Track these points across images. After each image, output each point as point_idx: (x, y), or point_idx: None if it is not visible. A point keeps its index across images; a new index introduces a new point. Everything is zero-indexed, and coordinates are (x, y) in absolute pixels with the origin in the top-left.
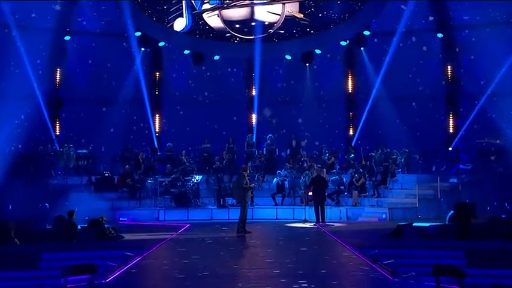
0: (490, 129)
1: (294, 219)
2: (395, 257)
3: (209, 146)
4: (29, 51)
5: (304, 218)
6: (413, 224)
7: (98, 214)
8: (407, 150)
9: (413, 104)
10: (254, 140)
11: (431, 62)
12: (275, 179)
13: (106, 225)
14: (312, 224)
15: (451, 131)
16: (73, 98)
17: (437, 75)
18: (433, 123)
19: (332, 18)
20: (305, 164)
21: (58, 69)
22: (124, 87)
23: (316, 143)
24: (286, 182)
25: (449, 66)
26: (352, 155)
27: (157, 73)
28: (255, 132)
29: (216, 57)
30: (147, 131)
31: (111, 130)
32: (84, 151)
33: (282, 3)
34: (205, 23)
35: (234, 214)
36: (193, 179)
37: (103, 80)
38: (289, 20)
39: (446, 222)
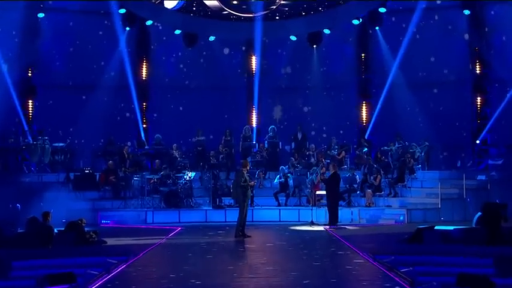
0: None
1: (299, 221)
2: (414, 264)
3: (203, 138)
4: None
5: (311, 220)
6: (435, 227)
7: (76, 216)
8: (428, 144)
9: (436, 90)
10: (254, 133)
11: (456, 43)
12: (278, 176)
13: (86, 229)
14: (326, 227)
15: (478, 121)
16: (48, 84)
17: (464, 57)
18: (458, 112)
19: None
20: (312, 159)
21: (31, 52)
22: (106, 72)
23: (324, 135)
24: (290, 180)
25: (477, 48)
26: (366, 149)
27: (145, 56)
28: (255, 122)
29: (211, 38)
30: (133, 122)
31: (92, 121)
32: (61, 144)
33: None
34: (200, 0)
35: (232, 216)
36: (185, 176)
37: (82, 64)
38: None
39: (473, 226)
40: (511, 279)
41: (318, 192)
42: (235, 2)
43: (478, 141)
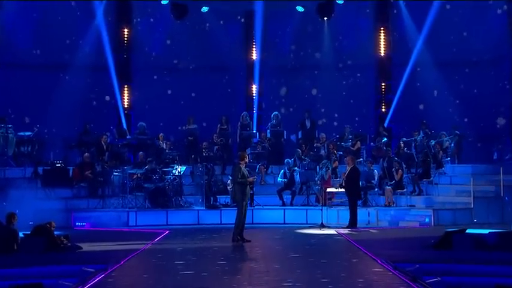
0: None
1: (307, 223)
2: (442, 274)
3: (195, 127)
4: None
5: (321, 222)
6: (467, 231)
7: (46, 218)
8: (458, 133)
9: (467, 71)
10: (254, 120)
11: (493, 15)
12: (282, 171)
13: (56, 233)
14: (339, 230)
15: None
16: (11, 62)
17: (501, 32)
18: (494, 96)
19: None
20: (322, 151)
21: None
22: (81, 49)
23: (335, 123)
24: (296, 175)
25: None
26: (385, 139)
27: (126, 30)
28: (256, 108)
29: (204, 9)
30: (112, 107)
31: (64, 106)
32: (27, 134)
33: None
34: None
35: (229, 217)
36: (174, 171)
37: (53, 40)
38: None
39: None
40: None
41: (328, 190)
42: None
43: None
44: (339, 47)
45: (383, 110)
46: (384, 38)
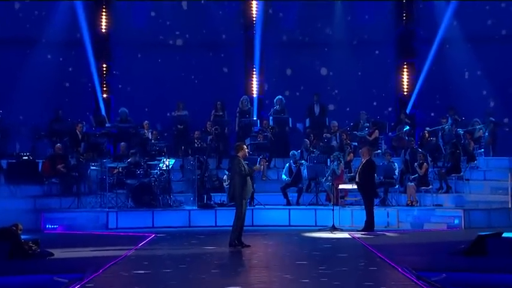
0: None
1: (316, 226)
2: (474, 285)
3: (186, 113)
4: None
5: (332, 225)
6: (504, 235)
7: (11, 219)
8: (493, 120)
9: (504, 47)
10: (255, 105)
11: None
12: (287, 165)
13: (23, 237)
14: (353, 234)
15: None
16: None
17: None
18: None
19: None
20: (333, 142)
21: None
22: (52, 22)
23: (348, 109)
24: (304, 169)
25: None
26: (407, 128)
27: (104, 1)
28: (256, 91)
29: None
30: (89, 90)
31: (33, 88)
32: None
33: None
34: None
35: (225, 218)
36: (161, 165)
37: (18, 11)
38: None
39: None
40: None
41: (341, 187)
42: None
43: None
44: (353, 20)
45: (405, 93)
46: (406, 9)
